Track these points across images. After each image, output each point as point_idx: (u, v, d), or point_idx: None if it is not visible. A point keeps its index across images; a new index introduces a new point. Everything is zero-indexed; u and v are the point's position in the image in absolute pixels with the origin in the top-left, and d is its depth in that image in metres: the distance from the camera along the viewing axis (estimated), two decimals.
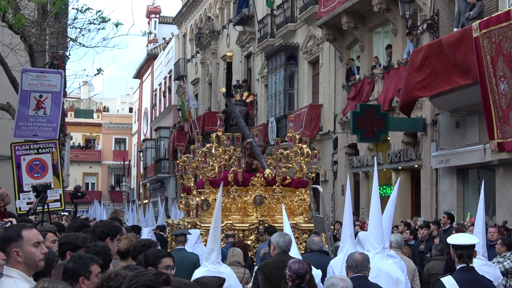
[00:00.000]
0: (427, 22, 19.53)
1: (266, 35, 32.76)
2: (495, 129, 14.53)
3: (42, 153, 12.54)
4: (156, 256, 6.27)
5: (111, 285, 4.38)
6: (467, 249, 6.77)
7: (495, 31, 14.24)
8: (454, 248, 6.78)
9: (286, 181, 14.33)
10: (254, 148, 14.82)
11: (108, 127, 75.65)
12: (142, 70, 67.90)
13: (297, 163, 14.64)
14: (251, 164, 14.89)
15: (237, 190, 14.15)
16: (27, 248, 4.61)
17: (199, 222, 13.67)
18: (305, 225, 13.79)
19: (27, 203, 11.93)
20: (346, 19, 23.53)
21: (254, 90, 35.23)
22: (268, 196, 14.18)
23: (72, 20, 14.57)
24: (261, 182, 14.13)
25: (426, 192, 19.87)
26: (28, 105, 12.79)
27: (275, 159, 14.78)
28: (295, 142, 14.80)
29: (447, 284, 6.60)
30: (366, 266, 6.84)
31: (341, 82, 25.22)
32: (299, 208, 14.27)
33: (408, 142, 20.76)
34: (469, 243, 6.80)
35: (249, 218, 14.02)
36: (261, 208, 14.00)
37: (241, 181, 14.15)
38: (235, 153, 14.72)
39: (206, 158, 14.32)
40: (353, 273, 6.78)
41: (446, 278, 6.73)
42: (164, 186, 52.37)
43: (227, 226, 13.34)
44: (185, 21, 51.04)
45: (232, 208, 14.07)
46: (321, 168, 27.03)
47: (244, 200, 14.13)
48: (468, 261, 6.77)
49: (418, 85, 17.46)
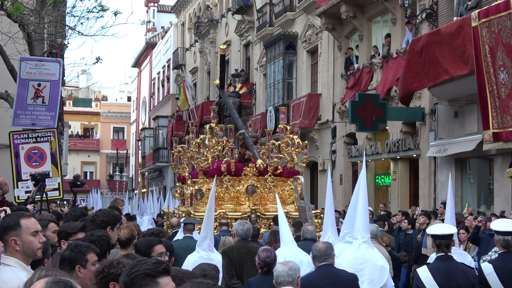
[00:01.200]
0: (426, 11, 19.50)
1: (265, 24, 32.70)
2: (491, 119, 14.51)
3: (41, 142, 12.54)
4: (148, 245, 6.29)
5: (112, 272, 4.39)
6: (445, 238, 6.93)
7: (494, 20, 14.20)
8: (433, 238, 6.95)
9: (277, 171, 14.62)
10: (246, 139, 15.15)
11: (107, 116, 75.61)
12: (141, 59, 67.81)
13: (289, 153, 14.95)
14: (244, 154, 15.22)
15: (230, 180, 14.51)
16: (25, 237, 4.60)
17: (193, 211, 13.87)
18: (295, 213, 14.00)
19: (25, 192, 11.94)
20: (345, 8, 23.49)
21: (253, 79, 35.19)
22: (260, 185, 14.55)
23: (70, 8, 14.55)
24: (253, 172, 14.47)
25: (424, 182, 19.89)
26: (26, 93, 12.76)
27: (267, 150, 15.07)
28: (287, 133, 15.12)
29: (421, 274, 6.79)
30: (330, 254, 7.13)
31: (340, 71, 25.19)
32: (290, 197, 14.62)
33: (407, 131, 20.76)
34: (448, 233, 6.99)
35: (241, 207, 14.37)
36: (253, 197, 14.40)
37: (234, 171, 14.50)
38: (228, 143, 15.02)
39: (199, 148, 14.66)
40: (319, 262, 7.10)
41: (422, 268, 6.90)
42: (162, 175, 52.38)
43: (220, 215, 13.58)
44: (183, 10, 50.92)
45: (225, 197, 14.46)
46: (319, 157, 27.05)
47: (237, 189, 14.50)
48: (446, 250, 6.92)
49: (417, 76, 17.44)
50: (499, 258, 7.16)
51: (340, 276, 7.16)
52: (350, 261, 7.99)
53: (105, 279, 4.42)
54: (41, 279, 2.93)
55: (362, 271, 7.89)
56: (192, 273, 4.74)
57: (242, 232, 8.94)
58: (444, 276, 6.77)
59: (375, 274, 8.01)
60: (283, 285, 5.98)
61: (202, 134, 15.47)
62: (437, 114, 19.21)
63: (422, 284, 6.74)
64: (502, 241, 7.10)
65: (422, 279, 6.76)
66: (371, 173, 24.04)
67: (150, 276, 3.31)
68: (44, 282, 2.88)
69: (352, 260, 8.01)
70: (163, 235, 8.64)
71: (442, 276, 6.77)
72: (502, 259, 6.97)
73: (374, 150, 22.31)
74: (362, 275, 7.81)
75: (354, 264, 7.95)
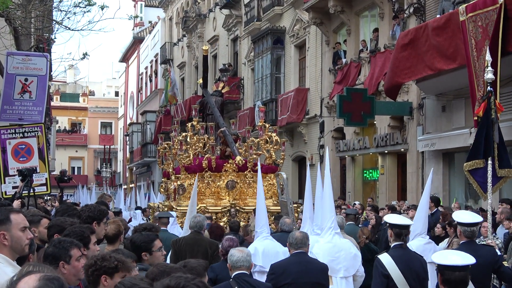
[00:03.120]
0: (414, 5, 19.52)
1: (253, 18, 32.66)
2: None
3: (28, 137, 12.47)
4: (148, 240, 6.30)
5: (104, 265, 4.36)
6: (404, 229, 7.32)
7: (481, 15, 14.23)
8: (394, 227, 7.28)
9: (256, 167, 14.71)
10: (227, 136, 15.91)
11: (94, 111, 75.40)
12: (128, 54, 67.59)
13: (267, 150, 15.73)
14: (224, 151, 15.97)
15: (211, 175, 15.24)
16: (14, 232, 4.56)
17: (176, 205, 14.64)
18: (273, 207, 14.71)
19: (12, 187, 11.88)
20: (333, 3, 23.48)
21: (241, 74, 35.17)
22: (240, 181, 15.29)
23: (57, 2, 14.44)
24: (233, 168, 15.20)
25: (412, 176, 19.94)
26: (13, 88, 12.70)
27: (246, 147, 15.79)
28: (265, 131, 15.93)
29: (384, 260, 7.05)
30: (305, 243, 7.72)
31: (328, 66, 25.20)
32: (268, 192, 15.20)
33: (395, 126, 20.80)
34: (407, 223, 7.45)
35: (222, 201, 15.10)
36: (233, 192, 15.22)
37: (215, 167, 15.22)
38: (209, 141, 15.73)
39: (182, 146, 15.36)
40: (294, 250, 7.68)
41: (383, 255, 7.18)
42: (151, 170, 52.29)
43: (201, 209, 14.13)
44: (171, 4, 50.78)
45: (206, 192, 15.25)
46: (307, 152, 27.08)
47: (218, 184, 15.23)
48: (405, 239, 7.35)
49: (404, 70, 17.47)
50: (462, 247, 7.43)
51: (312, 264, 7.72)
52: (326, 250, 8.74)
53: (97, 272, 4.39)
54: (31, 275, 2.91)
55: (338, 259, 8.70)
56: (180, 268, 4.73)
57: (193, 224, 9.70)
58: (404, 264, 7.06)
59: (350, 262, 8.79)
60: (241, 269, 6.78)
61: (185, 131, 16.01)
62: (425, 109, 19.25)
63: (385, 270, 6.98)
64: (468, 232, 7.71)
65: (385, 264, 7.01)
66: (359, 167, 24.09)
67: None
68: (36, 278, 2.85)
69: (329, 249, 8.77)
70: (155, 230, 8.64)
71: (403, 264, 7.06)
72: (465, 248, 7.11)
73: (362, 145, 22.35)
74: (338, 263, 8.68)
75: (331, 253, 8.73)
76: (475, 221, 7.79)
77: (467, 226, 7.70)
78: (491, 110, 9.60)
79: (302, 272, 7.50)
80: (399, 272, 6.94)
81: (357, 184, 24.01)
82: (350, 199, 23.16)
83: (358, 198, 22.56)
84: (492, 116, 9.53)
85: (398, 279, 6.91)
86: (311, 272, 7.58)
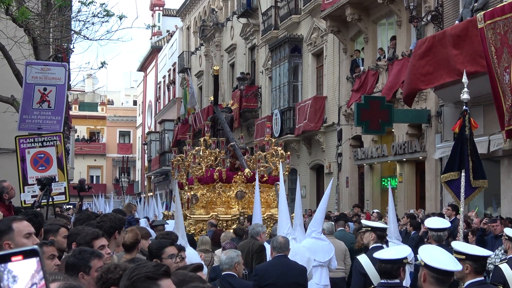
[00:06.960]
0: (432, 13, 19.46)
1: (270, 27, 32.71)
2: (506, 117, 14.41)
3: (47, 146, 12.51)
4: (159, 247, 6.28)
5: (110, 277, 4.36)
6: (384, 231, 8.37)
7: (500, 22, 14.16)
8: (377, 230, 8.18)
9: (263, 179, 16.07)
10: (236, 150, 16.95)
11: (113, 120, 75.67)
12: (146, 63, 67.88)
13: (273, 163, 16.62)
14: (234, 164, 16.98)
15: (222, 186, 16.24)
16: (18, 239, 4.58)
17: (189, 214, 15.70)
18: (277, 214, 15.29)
19: (31, 196, 11.92)
20: (350, 11, 23.47)
21: (258, 82, 35.21)
22: (248, 191, 16.07)
23: (76, 13, 14.51)
24: (242, 180, 16.12)
25: (431, 184, 19.84)
26: (32, 98, 12.74)
27: (254, 160, 16.99)
28: (271, 145, 17.01)
29: (362, 261, 7.62)
30: (287, 248, 8.55)
31: (345, 74, 25.18)
32: (274, 201, 15.97)
33: (413, 133, 20.72)
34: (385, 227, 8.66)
35: (231, 210, 16.06)
36: (242, 202, 16.06)
37: (225, 179, 16.20)
38: (220, 154, 16.97)
39: (195, 159, 16.34)
40: (277, 253, 8.50)
41: (362, 256, 7.80)
42: (169, 178, 52.33)
43: (213, 217, 15.43)
44: (189, 13, 50.96)
45: (218, 201, 16.20)
46: (325, 160, 27.04)
47: (228, 195, 16.25)
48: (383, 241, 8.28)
49: (421, 77, 17.41)
50: None
51: (292, 266, 8.57)
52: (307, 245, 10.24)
53: (105, 284, 4.40)
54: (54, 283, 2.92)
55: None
56: (198, 276, 4.73)
57: (252, 232, 10.88)
58: None
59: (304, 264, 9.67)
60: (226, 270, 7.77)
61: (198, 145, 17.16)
62: (443, 116, 19.16)
63: (363, 269, 7.53)
64: (436, 236, 8.69)
65: (363, 264, 7.58)
66: (377, 175, 24.01)
67: (151, 278, 3.30)
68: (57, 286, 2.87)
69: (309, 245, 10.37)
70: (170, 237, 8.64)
71: None
72: None
73: (380, 153, 22.28)
74: None
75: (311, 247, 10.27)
76: (442, 226, 8.85)
77: (435, 231, 8.72)
78: (465, 127, 10.09)
79: (283, 273, 8.39)
80: (375, 271, 7.24)
81: (376, 192, 23.92)
82: (368, 207, 23.08)
83: (377, 206, 22.45)
84: (466, 133, 10.07)
85: (374, 277, 7.26)
86: (291, 273, 8.47)
